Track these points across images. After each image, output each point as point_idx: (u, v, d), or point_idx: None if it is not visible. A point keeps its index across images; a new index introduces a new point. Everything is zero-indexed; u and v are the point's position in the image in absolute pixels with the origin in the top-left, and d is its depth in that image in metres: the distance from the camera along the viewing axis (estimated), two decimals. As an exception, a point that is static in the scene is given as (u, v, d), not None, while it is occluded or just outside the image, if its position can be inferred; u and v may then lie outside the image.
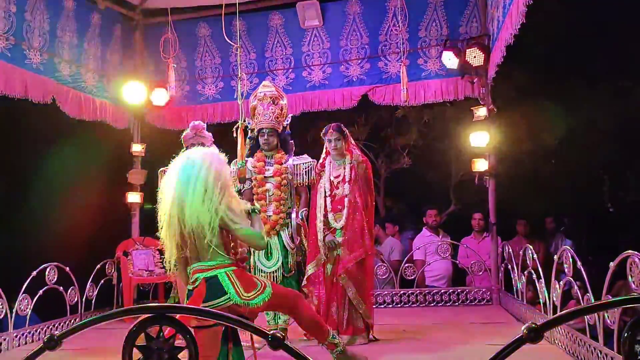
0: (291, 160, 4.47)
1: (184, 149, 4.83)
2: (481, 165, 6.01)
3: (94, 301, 5.71)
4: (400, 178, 8.59)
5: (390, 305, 6.05)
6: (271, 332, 1.13)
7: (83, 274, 5.59)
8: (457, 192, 8.25)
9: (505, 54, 4.89)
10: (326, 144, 4.52)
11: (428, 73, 6.19)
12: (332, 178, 4.48)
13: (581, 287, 3.43)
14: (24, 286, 4.63)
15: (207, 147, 3.53)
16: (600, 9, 7.23)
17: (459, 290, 6.11)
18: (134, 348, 1.15)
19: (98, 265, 5.85)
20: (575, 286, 3.51)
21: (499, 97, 6.18)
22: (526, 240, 6.39)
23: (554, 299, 3.78)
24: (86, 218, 6.25)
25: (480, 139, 6.01)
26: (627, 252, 2.75)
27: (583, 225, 8.24)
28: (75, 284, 5.37)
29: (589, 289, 3.23)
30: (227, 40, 4.76)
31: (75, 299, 5.41)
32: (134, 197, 6.50)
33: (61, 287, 5.15)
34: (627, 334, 1.04)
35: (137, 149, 6.61)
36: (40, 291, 4.86)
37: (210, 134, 4.82)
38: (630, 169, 8.35)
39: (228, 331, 2.97)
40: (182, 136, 4.82)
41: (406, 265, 6.21)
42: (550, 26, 7.07)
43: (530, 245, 4.68)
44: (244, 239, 3.10)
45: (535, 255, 4.43)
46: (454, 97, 6.20)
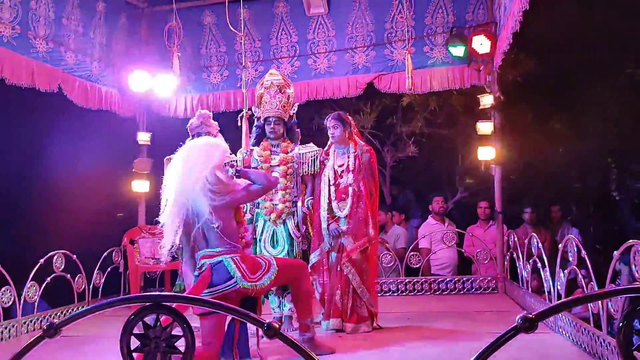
0: (297, 149, 4.47)
1: (190, 137, 4.85)
2: (487, 153, 5.99)
3: (101, 289, 5.77)
4: (406, 166, 8.57)
5: (395, 294, 6.06)
6: (267, 321, 1.14)
7: (90, 262, 5.65)
8: (463, 181, 8.22)
9: (511, 41, 4.85)
10: (328, 131, 4.52)
11: (434, 61, 6.15)
12: (336, 167, 4.47)
13: (586, 276, 3.43)
14: (32, 274, 4.68)
15: (212, 137, 3.57)
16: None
17: (464, 279, 6.11)
18: (131, 336, 1.17)
19: (105, 253, 5.91)
20: (579, 275, 3.50)
21: (505, 85, 6.14)
22: (532, 229, 6.38)
23: (559, 288, 3.78)
24: (93, 206, 6.28)
25: (486, 127, 5.99)
26: (631, 241, 2.74)
27: (590, 213, 8.21)
28: (82, 271, 5.43)
29: (592, 277, 3.22)
30: (232, 28, 4.75)
31: (83, 286, 5.46)
32: (140, 186, 6.53)
33: (68, 275, 5.21)
34: (622, 323, 1.04)
35: (143, 137, 6.63)
36: (48, 279, 4.91)
37: (216, 123, 4.82)
38: (638, 156, 8.28)
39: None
40: (188, 125, 4.83)
41: (411, 253, 6.23)
42: (557, 12, 6.99)
43: (535, 234, 4.66)
44: (253, 197, 3.18)
45: (540, 244, 4.42)
46: (460, 85, 6.16)
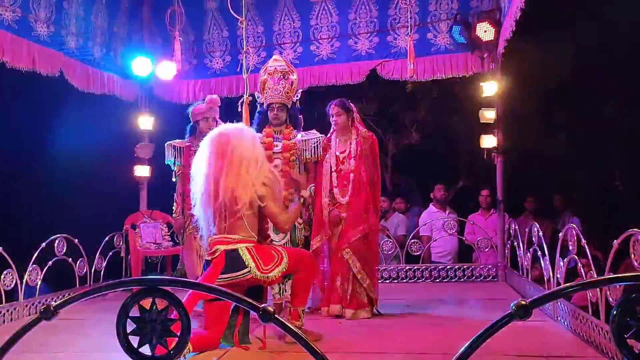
0: (300, 136, 4.46)
1: (191, 123, 4.85)
2: (490, 141, 5.97)
3: (102, 273, 5.80)
4: (408, 154, 8.57)
5: (395, 281, 6.09)
6: (262, 305, 1.14)
7: (92, 246, 5.68)
8: (465, 169, 8.22)
9: (514, 28, 4.80)
10: (330, 119, 4.51)
11: (437, 48, 6.10)
12: (337, 153, 4.47)
13: (586, 265, 3.43)
14: (34, 257, 4.71)
15: (235, 123, 3.60)
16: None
17: (464, 267, 6.13)
18: (127, 319, 1.17)
19: (107, 238, 5.94)
20: (579, 264, 3.50)
21: (509, 73, 6.10)
22: (534, 218, 6.39)
23: (558, 277, 3.78)
24: (94, 191, 6.30)
25: (489, 115, 5.96)
26: (631, 230, 2.73)
27: (592, 203, 8.19)
28: (84, 255, 5.46)
29: (592, 266, 3.22)
30: (233, 13, 4.72)
31: (85, 270, 5.50)
32: (142, 171, 6.54)
33: (70, 259, 5.24)
34: (616, 311, 1.04)
35: (145, 122, 6.63)
36: (50, 262, 4.94)
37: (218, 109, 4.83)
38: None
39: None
40: (192, 109, 4.81)
41: (412, 241, 6.24)
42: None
43: (536, 223, 4.66)
44: (271, 217, 3.21)
45: (541, 233, 4.42)
46: (464, 73, 6.11)
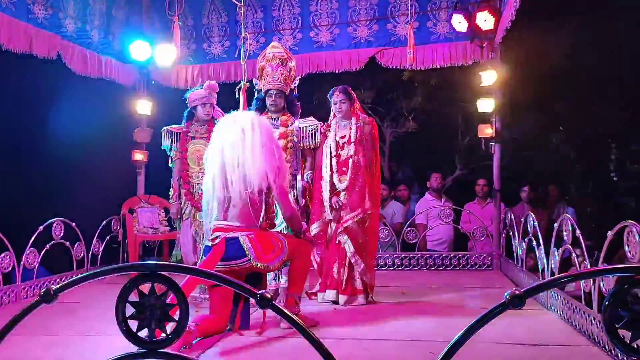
0: (297, 123, 4.46)
1: (189, 108, 4.84)
2: (487, 130, 5.98)
3: (99, 257, 5.83)
4: (405, 142, 8.55)
5: (391, 268, 6.13)
6: (259, 292, 1.16)
7: (89, 230, 5.70)
8: (462, 158, 8.22)
9: (514, 18, 4.80)
10: (332, 105, 4.51)
11: (437, 36, 6.10)
12: (337, 138, 4.48)
13: (580, 255, 3.46)
14: (31, 240, 4.72)
15: (247, 111, 3.65)
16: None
17: (460, 255, 6.17)
18: (126, 304, 1.19)
19: (104, 222, 5.96)
20: (573, 254, 3.53)
21: (508, 62, 6.10)
22: (529, 208, 6.41)
23: (552, 266, 3.82)
24: (92, 175, 6.29)
25: (487, 104, 5.97)
26: (625, 221, 2.76)
27: (587, 193, 8.23)
28: (81, 239, 5.48)
29: (586, 256, 3.25)
30: (232, -2, 4.70)
31: (82, 254, 5.52)
32: (140, 156, 6.54)
33: (67, 242, 5.25)
34: (608, 301, 1.06)
35: (143, 107, 6.61)
36: (47, 245, 4.96)
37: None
38: (639, 138, 8.26)
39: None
40: (189, 95, 4.80)
41: (408, 229, 6.27)
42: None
43: (532, 213, 4.69)
44: (280, 201, 3.27)
45: (536, 223, 4.45)
46: (463, 62, 6.10)
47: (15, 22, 4.93)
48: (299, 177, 4.43)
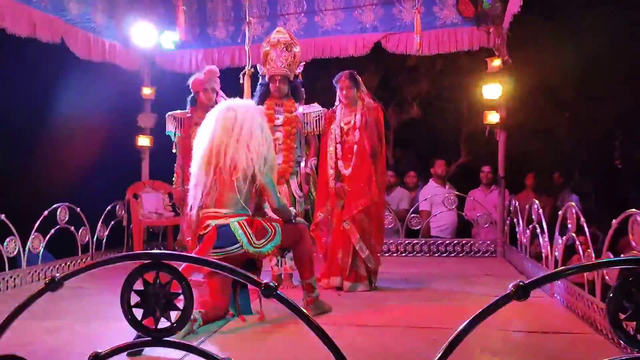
0: (301, 109, 4.45)
1: (192, 94, 4.83)
2: (493, 117, 5.95)
3: (104, 241, 5.85)
4: (410, 128, 8.54)
5: (395, 254, 6.14)
6: (264, 281, 1.16)
7: (94, 215, 5.72)
8: (467, 144, 8.20)
9: (522, 2, 4.75)
10: (338, 91, 4.47)
11: (443, 22, 6.03)
12: (342, 124, 4.44)
13: (583, 243, 3.45)
14: (36, 225, 4.75)
15: (245, 99, 3.61)
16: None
17: (463, 242, 6.18)
18: (132, 292, 1.19)
19: (109, 207, 5.97)
20: (577, 242, 3.52)
21: (514, 48, 6.04)
22: (534, 195, 6.40)
23: (556, 254, 3.81)
24: (96, 160, 6.30)
25: (493, 90, 5.93)
26: (630, 210, 2.75)
27: (592, 181, 8.20)
28: (86, 224, 5.50)
29: (590, 245, 3.25)
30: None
31: (87, 239, 5.55)
32: (144, 141, 6.55)
33: (72, 227, 5.28)
34: (613, 293, 1.06)
35: (147, 92, 6.60)
36: (52, 230, 4.98)
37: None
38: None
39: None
40: (191, 81, 4.79)
41: (412, 215, 6.27)
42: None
43: (536, 200, 4.67)
44: (266, 190, 3.22)
45: (540, 210, 4.44)
46: (469, 47, 6.04)
47: (19, 6, 4.90)
48: (302, 164, 4.42)
